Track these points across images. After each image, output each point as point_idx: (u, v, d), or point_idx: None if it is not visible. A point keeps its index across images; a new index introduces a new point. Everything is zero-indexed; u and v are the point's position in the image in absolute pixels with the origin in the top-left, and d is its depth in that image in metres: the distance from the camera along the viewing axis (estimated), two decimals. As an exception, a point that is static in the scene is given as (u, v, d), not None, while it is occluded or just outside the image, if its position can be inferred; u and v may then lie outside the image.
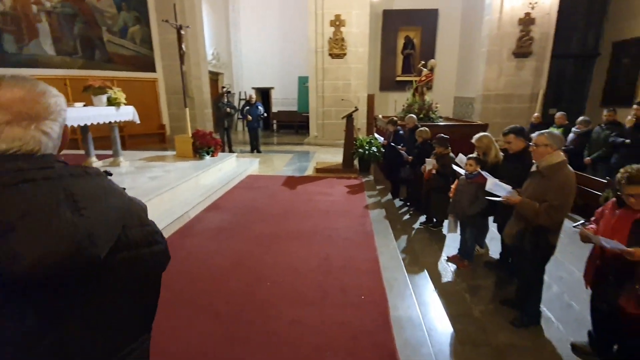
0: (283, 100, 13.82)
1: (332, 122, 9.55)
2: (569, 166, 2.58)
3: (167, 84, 9.86)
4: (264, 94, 13.84)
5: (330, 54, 9.44)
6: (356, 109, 6.64)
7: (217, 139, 6.77)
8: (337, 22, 9.22)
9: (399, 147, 5.52)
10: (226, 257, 3.56)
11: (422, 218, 4.97)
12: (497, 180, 2.93)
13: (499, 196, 2.85)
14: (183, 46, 6.24)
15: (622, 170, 2.09)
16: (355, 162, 7.09)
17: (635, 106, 5.38)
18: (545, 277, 3.33)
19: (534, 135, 2.75)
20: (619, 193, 2.16)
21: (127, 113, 5.64)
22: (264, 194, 5.63)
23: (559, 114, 7.16)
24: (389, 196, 5.97)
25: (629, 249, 1.97)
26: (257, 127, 8.95)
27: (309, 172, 7.08)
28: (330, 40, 9.37)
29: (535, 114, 8.30)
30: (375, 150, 6.49)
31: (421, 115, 7.91)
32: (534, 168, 2.74)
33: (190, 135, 6.43)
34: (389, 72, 12.03)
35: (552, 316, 2.99)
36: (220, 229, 4.27)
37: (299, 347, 2.26)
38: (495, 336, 2.76)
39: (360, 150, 6.60)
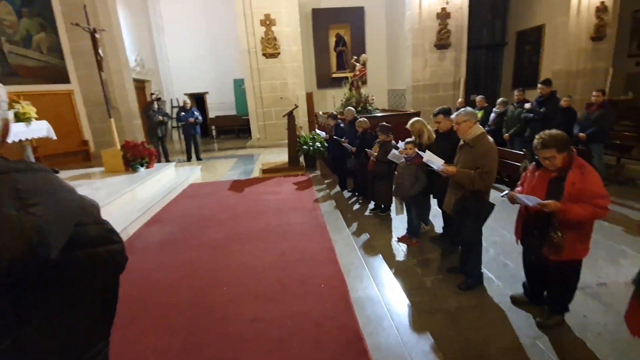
0: (220, 105, 13.31)
1: (274, 123, 9.48)
2: (488, 136, 2.94)
3: (86, 96, 8.90)
4: (199, 99, 13.22)
5: (264, 54, 9.33)
6: (296, 107, 6.67)
7: (151, 149, 6.31)
8: (268, 22, 9.15)
9: (342, 139, 5.65)
10: (175, 268, 3.35)
11: (372, 205, 5.16)
12: (432, 155, 3.18)
13: (434, 167, 3.15)
14: (100, 51, 5.69)
15: (537, 136, 2.38)
16: (301, 159, 7.12)
17: (539, 85, 6.16)
18: (484, 243, 3.67)
19: (452, 116, 3.14)
20: (536, 157, 2.45)
21: (40, 129, 5.01)
22: (211, 201, 5.39)
23: (479, 98, 7.93)
24: (337, 188, 6.10)
25: (544, 201, 2.25)
26: (194, 134, 8.53)
27: (255, 174, 6.95)
28: (263, 40, 9.27)
29: (459, 100, 9.10)
30: (319, 145, 6.58)
31: (359, 108, 8.19)
32: (461, 142, 3.03)
33: (119, 147, 5.91)
34: (325, 69, 12.27)
35: (492, 276, 3.30)
36: (164, 241, 3.99)
37: (262, 343, 2.23)
38: (447, 301, 2.98)
39: (304, 147, 6.64)
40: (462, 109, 2.99)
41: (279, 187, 5.81)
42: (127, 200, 4.82)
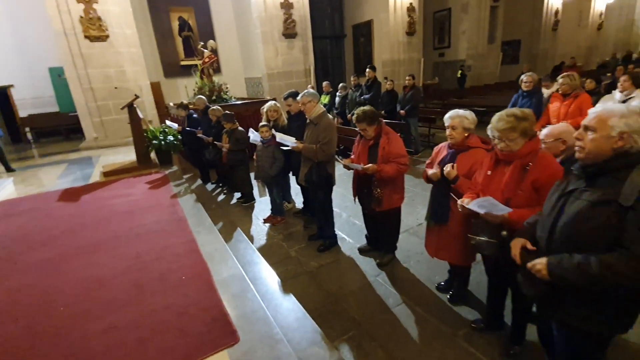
0: (34, 101, 10.53)
1: (114, 118, 8.18)
2: (328, 114, 3.35)
3: None
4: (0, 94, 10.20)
5: (86, 37, 7.81)
6: (136, 97, 5.92)
7: None
8: (87, -2, 7.68)
9: (196, 130, 5.38)
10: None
11: (238, 195, 5.14)
12: (283, 135, 3.41)
13: (288, 146, 3.40)
14: None
15: (354, 113, 2.86)
16: (153, 155, 6.44)
17: (367, 70, 7.24)
18: (337, 209, 4.18)
19: (298, 98, 3.44)
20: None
21: None
22: (34, 217, 4.35)
23: (324, 83, 8.76)
24: (200, 182, 5.82)
25: (365, 165, 2.76)
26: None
27: (96, 178, 5.93)
28: (83, 20, 7.73)
29: (310, 85, 9.87)
30: (172, 139, 6.08)
31: (214, 97, 7.91)
32: (307, 121, 3.34)
33: None
34: (171, 56, 11.22)
35: (345, 235, 3.83)
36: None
37: (119, 349, 2.06)
38: (309, 264, 3.31)
39: (154, 142, 6.02)
40: (305, 91, 3.29)
41: (130, 189, 5.14)
42: None
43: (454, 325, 2.40)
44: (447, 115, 2.28)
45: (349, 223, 4.12)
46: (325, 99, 8.17)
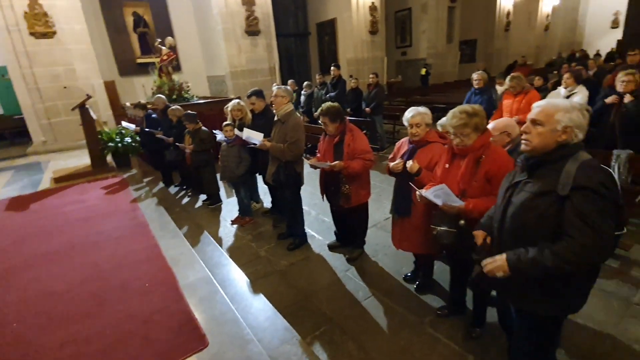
0: (-30, 102, 9.62)
1: (65, 120, 7.61)
2: (297, 113, 3.35)
3: None
4: None
5: (32, 33, 7.22)
6: (89, 97, 5.56)
7: None
8: (30, -9, 7.09)
9: (157, 131, 5.16)
10: None
11: (203, 197, 4.99)
12: (251, 131, 3.35)
13: (255, 144, 3.34)
14: None
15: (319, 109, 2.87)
16: (110, 158, 6.10)
17: (332, 68, 7.30)
18: (306, 207, 4.19)
19: (274, 88, 3.44)
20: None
21: None
22: (-26, 230, 3.97)
23: (290, 82, 8.73)
24: (162, 185, 5.59)
25: (330, 163, 2.78)
26: None
27: (46, 185, 5.51)
28: (28, 15, 7.14)
29: (275, 84, 9.78)
30: (129, 140, 5.77)
31: (174, 97, 7.63)
32: (275, 118, 3.31)
33: None
34: (126, 54, 10.62)
35: (314, 232, 3.84)
36: None
37: None
38: (279, 263, 3.29)
39: (110, 144, 5.69)
40: (283, 86, 3.30)
41: (84, 195, 4.83)
42: None
43: (420, 313, 2.50)
44: (407, 115, 2.34)
45: (318, 220, 4.14)
46: (291, 97, 8.13)
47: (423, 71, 14.13)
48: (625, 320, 2.28)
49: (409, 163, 2.27)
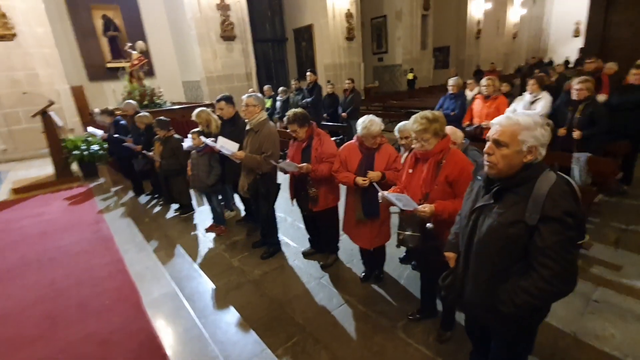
0: None
1: (25, 127, 7.20)
2: (270, 122, 3.26)
3: None
4: None
5: (-13, 36, 6.83)
6: (51, 103, 5.28)
7: None
8: (-14, -9, 6.71)
9: (125, 138, 4.95)
10: None
11: (176, 205, 4.81)
12: (226, 140, 3.21)
13: (227, 154, 3.21)
14: None
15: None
16: (76, 167, 5.80)
17: (308, 73, 7.29)
18: (282, 214, 4.12)
19: (243, 97, 3.22)
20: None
21: None
22: None
23: (266, 87, 8.68)
24: (132, 194, 5.36)
25: (299, 166, 2.75)
26: None
27: (4, 196, 5.17)
28: (-17, 17, 6.76)
29: (251, 89, 9.66)
30: (96, 148, 5.51)
31: (146, 102, 7.39)
32: (248, 127, 3.21)
33: None
34: (95, 58, 10.20)
35: (289, 240, 3.77)
36: None
37: None
38: (252, 273, 3.20)
39: (75, 152, 5.41)
40: (254, 93, 3.18)
41: (44, 207, 4.55)
42: None
43: (393, 318, 2.48)
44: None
45: (293, 227, 4.08)
46: (267, 102, 8.07)
47: (410, 76, 14.44)
48: (585, 317, 2.35)
49: (370, 174, 2.38)
